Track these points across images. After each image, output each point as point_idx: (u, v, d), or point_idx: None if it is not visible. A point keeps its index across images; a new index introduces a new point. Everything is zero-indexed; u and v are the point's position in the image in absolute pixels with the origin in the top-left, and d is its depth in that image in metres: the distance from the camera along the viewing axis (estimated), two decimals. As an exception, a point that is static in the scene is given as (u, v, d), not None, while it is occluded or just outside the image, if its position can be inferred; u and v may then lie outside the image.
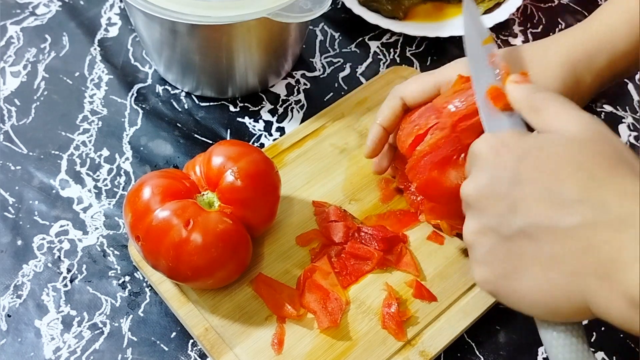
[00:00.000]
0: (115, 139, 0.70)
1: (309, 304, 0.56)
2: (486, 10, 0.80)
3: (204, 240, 0.51)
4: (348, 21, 0.81)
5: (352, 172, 0.65)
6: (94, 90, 0.74)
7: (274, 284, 0.57)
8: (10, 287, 0.59)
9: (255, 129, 0.71)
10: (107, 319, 0.58)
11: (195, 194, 0.55)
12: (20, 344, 0.56)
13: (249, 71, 0.71)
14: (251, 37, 0.66)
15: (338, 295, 0.56)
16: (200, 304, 0.56)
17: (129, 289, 0.60)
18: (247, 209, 0.54)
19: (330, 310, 0.55)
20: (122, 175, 0.67)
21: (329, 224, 0.60)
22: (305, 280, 0.57)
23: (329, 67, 0.77)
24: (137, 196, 0.53)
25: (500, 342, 0.57)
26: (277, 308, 0.56)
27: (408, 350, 0.54)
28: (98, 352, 0.56)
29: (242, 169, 0.54)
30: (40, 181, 0.66)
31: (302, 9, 0.63)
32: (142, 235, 0.52)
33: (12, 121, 0.71)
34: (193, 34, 0.65)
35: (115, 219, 0.64)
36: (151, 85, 0.74)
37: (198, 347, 0.56)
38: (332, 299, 0.56)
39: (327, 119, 0.69)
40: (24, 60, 0.76)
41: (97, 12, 0.81)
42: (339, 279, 0.58)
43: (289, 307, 0.55)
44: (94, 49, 0.77)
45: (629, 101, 0.75)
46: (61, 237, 0.63)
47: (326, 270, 0.57)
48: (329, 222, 0.61)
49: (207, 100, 0.73)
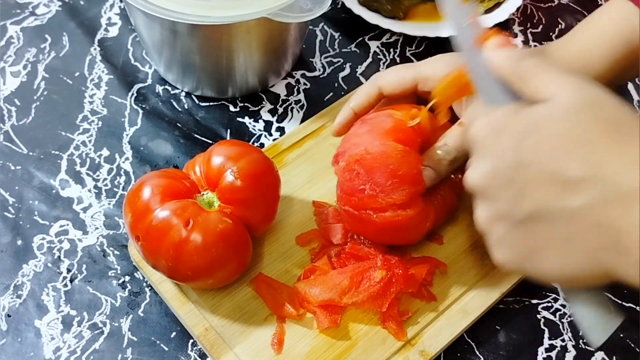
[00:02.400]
0: (115, 139, 0.70)
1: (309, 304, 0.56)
2: (486, 10, 0.80)
3: (204, 240, 0.51)
4: (348, 21, 0.81)
5: (352, 172, 0.65)
6: (94, 90, 0.74)
7: (274, 283, 0.57)
8: (10, 287, 0.59)
9: (255, 128, 0.71)
10: (107, 318, 0.58)
11: (195, 194, 0.55)
12: (20, 344, 0.56)
13: (249, 71, 0.71)
14: (251, 37, 0.66)
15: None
16: (200, 304, 0.56)
17: (129, 289, 0.60)
18: (247, 209, 0.54)
19: (329, 310, 0.55)
20: (122, 175, 0.67)
21: (328, 225, 0.60)
22: (305, 280, 0.57)
23: (329, 67, 0.77)
24: (137, 196, 0.53)
25: (500, 342, 0.57)
26: (277, 308, 0.56)
27: (408, 350, 0.54)
28: (98, 352, 0.56)
29: (242, 168, 0.54)
30: (40, 181, 0.66)
31: (302, 8, 0.63)
32: (142, 235, 0.52)
33: (12, 121, 0.71)
34: (193, 34, 0.65)
35: (115, 219, 0.64)
36: (151, 85, 0.74)
37: (198, 347, 0.57)
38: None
39: (327, 118, 0.69)
40: (24, 60, 0.76)
41: (97, 12, 0.81)
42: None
43: (289, 307, 0.55)
44: (94, 49, 0.77)
45: (628, 101, 0.75)
46: (61, 237, 0.63)
47: (326, 271, 0.57)
48: (327, 223, 0.61)
49: (207, 100, 0.73)
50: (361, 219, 0.54)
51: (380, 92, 0.59)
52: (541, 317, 0.58)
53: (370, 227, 0.55)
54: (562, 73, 0.40)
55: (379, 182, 0.53)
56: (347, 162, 0.55)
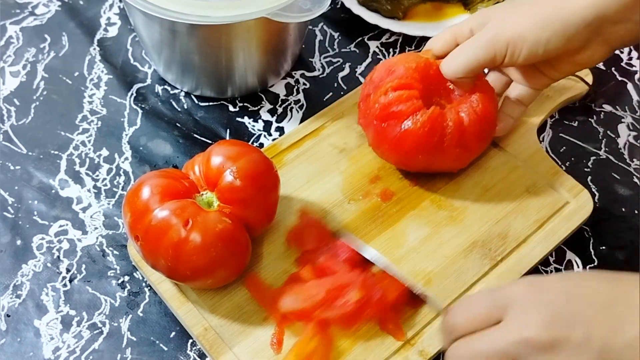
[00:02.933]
0: (114, 139, 0.70)
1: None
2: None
3: (203, 240, 0.51)
4: (347, 21, 0.81)
5: (351, 172, 0.65)
6: (94, 90, 0.74)
7: (261, 286, 0.57)
8: (9, 287, 0.59)
9: (255, 128, 0.71)
10: (106, 318, 0.58)
11: (195, 194, 0.55)
12: (19, 344, 0.56)
13: (248, 71, 0.71)
14: (250, 37, 0.66)
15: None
16: (199, 304, 0.56)
17: (128, 289, 0.60)
18: (246, 209, 0.54)
19: (305, 319, 0.55)
20: (122, 175, 0.67)
21: (300, 232, 0.60)
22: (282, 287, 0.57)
23: (329, 67, 0.77)
24: (136, 196, 0.53)
25: (500, 342, 0.57)
26: (268, 310, 0.56)
27: (407, 349, 0.54)
28: (97, 352, 0.56)
29: (241, 168, 0.54)
30: (40, 181, 0.66)
31: (302, 8, 0.63)
32: (141, 235, 0.52)
33: (11, 121, 0.71)
34: (192, 33, 0.65)
35: (115, 219, 0.64)
36: (150, 85, 0.74)
37: (197, 347, 0.57)
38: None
39: (326, 118, 0.69)
40: (23, 60, 0.76)
41: (97, 12, 0.81)
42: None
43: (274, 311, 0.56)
44: (94, 49, 0.77)
45: (628, 101, 0.75)
46: (60, 237, 0.63)
47: (306, 279, 0.56)
48: (303, 232, 0.60)
49: (206, 100, 0.73)
50: (385, 131, 0.59)
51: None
52: (540, 317, 0.58)
53: (396, 137, 0.59)
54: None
55: (379, 77, 0.61)
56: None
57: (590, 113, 0.73)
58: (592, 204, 0.62)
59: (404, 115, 0.58)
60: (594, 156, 0.70)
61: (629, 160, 0.69)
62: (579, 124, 0.72)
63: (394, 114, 0.58)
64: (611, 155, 0.70)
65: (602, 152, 0.70)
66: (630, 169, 0.69)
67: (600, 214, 0.64)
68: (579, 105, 0.74)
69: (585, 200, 0.63)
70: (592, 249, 0.63)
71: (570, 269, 0.61)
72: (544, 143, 0.70)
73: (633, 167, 0.69)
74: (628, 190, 0.67)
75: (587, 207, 0.62)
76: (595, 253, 0.62)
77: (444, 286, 0.58)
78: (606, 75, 0.77)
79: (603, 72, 0.77)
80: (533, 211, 0.62)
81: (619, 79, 0.77)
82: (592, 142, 0.71)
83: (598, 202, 0.65)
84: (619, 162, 0.69)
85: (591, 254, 0.62)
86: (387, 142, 0.60)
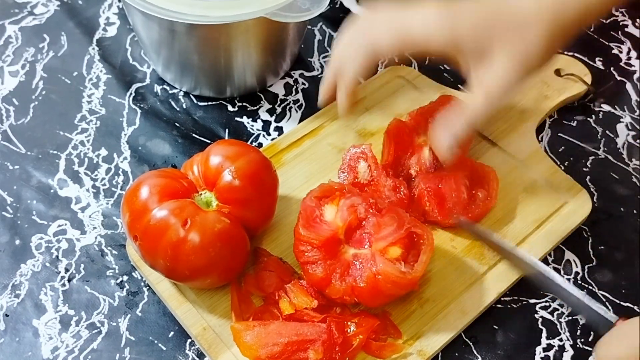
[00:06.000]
0: (113, 139, 0.70)
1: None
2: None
3: (202, 239, 0.51)
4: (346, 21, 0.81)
5: (350, 172, 0.65)
6: (92, 90, 0.74)
7: (244, 293, 0.57)
8: (8, 287, 0.59)
9: (254, 128, 0.71)
10: (105, 318, 0.58)
11: (193, 194, 0.55)
12: (18, 344, 0.56)
13: (247, 71, 0.71)
14: (249, 36, 0.66)
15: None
16: (198, 304, 0.56)
17: (127, 289, 0.60)
18: (245, 209, 0.54)
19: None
20: (120, 175, 0.67)
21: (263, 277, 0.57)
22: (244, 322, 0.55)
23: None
24: (135, 196, 0.53)
25: (498, 342, 0.57)
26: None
27: (406, 349, 0.54)
28: (96, 352, 0.56)
29: (240, 168, 0.54)
30: (39, 181, 0.66)
31: (300, 8, 0.64)
32: (140, 234, 0.52)
33: (10, 121, 0.71)
34: (191, 33, 0.65)
35: (113, 219, 0.64)
36: (149, 84, 0.74)
37: (196, 347, 0.57)
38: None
39: (325, 118, 0.69)
40: (22, 59, 0.76)
41: (96, 12, 0.81)
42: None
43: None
44: (93, 49, 0.77)
45: (627, 101, 0.75)
46: (59, 237, 0.63)
47: (273, 318, 0.55)
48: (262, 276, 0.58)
49: (205, 100, 0.73)
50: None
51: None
52: (539, 316, 0.58)
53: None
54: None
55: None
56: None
57: (589, 113, 0.73)
58: (590, 204, 0.62)
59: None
60: (593, 156, 0.70)
61: (627, 160, 0.69)
62: (577, 124, 0.72)
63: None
64: (610, 155, 0.70)
65: (601, 152, 0.70)
66: (629, 168, 0.69)
67: (599, 213, 0.64)
68: (577, 105, 0.74)
69: (584, 200, 0.63)
70: (591, 248, 0.63)
71: (569, 268, 0.61)
72: (543, 143, 0.70)
73: (632, 167, 0.69)
74: (627, 190, 0.67)
75: (586, 206, 0.62)
76: (594, 253, 0.62)
77: (443, 286, 0.58)
78: (605, 75, 0.77)
79: (602, 72, 0.77)
80: (532, 211, 0.62)
81: (617, 78, 0.77)
82: (591, 141, 0.71)
83: (597, 202, 0.65)
84: (617, 162, 0.69)
85: (590, 254, 0.62)
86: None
